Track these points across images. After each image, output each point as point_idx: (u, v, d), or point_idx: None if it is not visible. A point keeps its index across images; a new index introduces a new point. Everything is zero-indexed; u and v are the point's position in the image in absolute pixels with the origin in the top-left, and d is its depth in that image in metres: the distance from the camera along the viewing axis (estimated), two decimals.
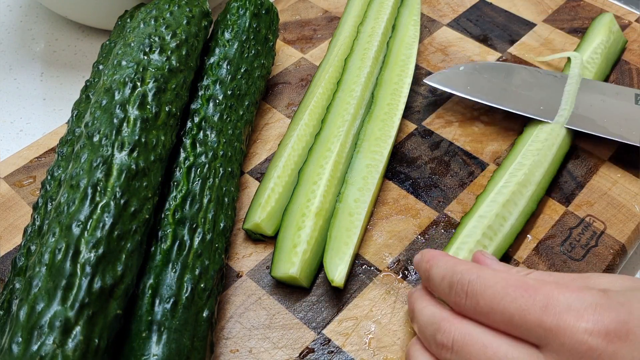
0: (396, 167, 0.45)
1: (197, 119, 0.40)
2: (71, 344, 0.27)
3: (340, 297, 0.38)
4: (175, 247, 0.34)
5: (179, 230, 0.35)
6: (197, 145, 0.39)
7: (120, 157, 0.33)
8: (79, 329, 0.28)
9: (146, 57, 0.38)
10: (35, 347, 0.27)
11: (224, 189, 0.38)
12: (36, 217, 0.37)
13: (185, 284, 0.33)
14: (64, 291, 0.28)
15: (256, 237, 0.40)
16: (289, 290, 0.38)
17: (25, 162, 0.45)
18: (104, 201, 0.31)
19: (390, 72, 0.48)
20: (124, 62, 0.38)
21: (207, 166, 0.38)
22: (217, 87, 0.42)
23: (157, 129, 0.36)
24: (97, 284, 0.29)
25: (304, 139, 0.45)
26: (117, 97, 0.36)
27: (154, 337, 0.31)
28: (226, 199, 0.38)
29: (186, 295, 0.33)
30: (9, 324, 0.29)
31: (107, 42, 0.47)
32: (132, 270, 0.31)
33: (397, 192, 0.43)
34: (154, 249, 0.34)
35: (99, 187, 0.32)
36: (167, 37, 0.40)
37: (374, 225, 0.41)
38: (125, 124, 0.34)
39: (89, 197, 0.31)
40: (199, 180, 0.37)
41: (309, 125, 0.45)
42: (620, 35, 0.52)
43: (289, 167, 0.43)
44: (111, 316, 0.29)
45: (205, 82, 0.42)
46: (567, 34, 0.55)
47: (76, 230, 0.30)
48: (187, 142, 0.39)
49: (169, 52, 0.39)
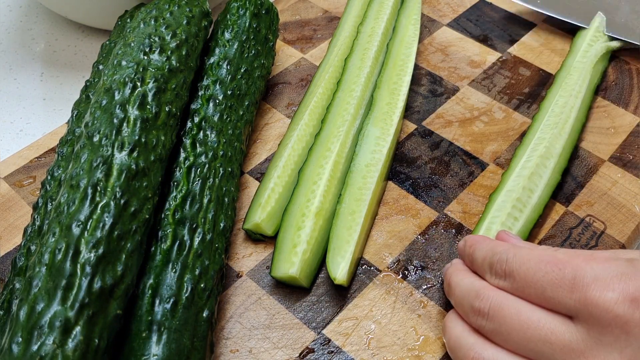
0: (396, 167, 0.45)
1: (197, 119, 0.40)
2: (71, 344, 0.27)
3: (340, 297, 0.38)
4: (175, 247, 0.34)
5: (179, 230, 0.35)
6: (197, 145, 0.39)
7: (120, 157, 0.33)
8: (79, 329, 0.28)
9: (146, 57, 0.38)
10: (35, 347, 0.27)
11: (224, 189, 0.38)
12: (36, 217, 0.37)
13: (185, 284, 0.33)
14: (64, 291, 0.28)
15: (256, 237, 0.40)
16: (289, 290, 0.38)
17: (25, 162, 0.45)
18: (104, 201, 0.31)
19: (389, 72, 0.48)
20: (124, 62, 0.38)
21: (207, 166, 0.38)
22: (217, 87, 0.42)
23: (157, 129, 0.36)
24: (97, 284, 0.29)
25: (304, 139, 0.45)
26: (117, 97, 0.36)
27: (154, 337, 0.31)
28: (226, 199, 0.38)
29: (186, 295, 0.33)
30: (9, 324, 0.29)
31: (107, 42, 0.47)
32: (132, 270, 0.31)
33: (397, 192, 0.43)
34: (154, 249, 0.34)
35: (99, 187, 0.32)
36: (167, 37, 0.40)
37: (374, 225, 0.41)
38: (125, 124, 0.34)
39: (89, 197, 0.31)
40: (199, 180, 0.37)
41: (309, 125, 0.45)
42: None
43: (289, 167, 0.43)
44: (111, 316, 0.29)
45: (205, 82, 0.42)
46: (567, 33, 0.55)
47: (76, 230, 0.30)
48: (187, 142, 0.39)
49: (169, 52, 0.39)
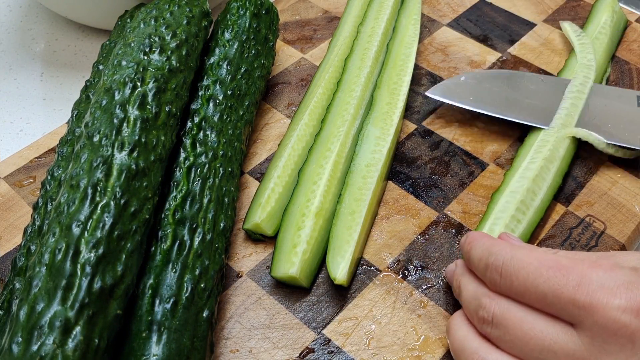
0: (396, 167, 0.45)
1: (197, 119, 0.40)
2: (71, 344, 0.27)
3: (340, 297, 0.38)
4: (175, 247, 0.34)
5: (179, 230, 0.35)
6: (197, 145, 0.39)
7: (120, 157, 0.33)
8: (79, 329, 0.28)
9: (146, 57, 0.38)
10: (35, 347, 0.27)
11: (224, 189, 0.38)
12: (36, 217, 0.37)
13: (185, 284, 0.33)
14: (64, 291, 0.28)
15: (256, 237, 0.40)
16: (289, 290, 0.38)
17: (25, 162, 0.45)
18: (104, 201, 0.31)
19: (389, 72, 0.48)
20: (124, 62, 0.38)
21: (207, 166, 0.38)
22: (217, 87, 0.42)
23: (157, 129, 0.36)
24: (97, 284, 0.29)
25: (304, 139, 0.45)
26: (117, 97, 0.36)
27: (154, 337, 0.31)
28: (226, 199, 0.38)
29: (186, 295, 0.33)
30: (9, 324, 0.29)
31: (107, 42, 0.47)
32: (132, 270, 0.31)
33: (397, 192, 0.43)
34: (154, 249, 0.34)
35: (99, 187, 0.32)
36: (167, 37, 0.40)
37: (374, 225, 0.41)
38: (125, 124, 0.34)
39: (89, 197, 0.31)
40: (199, 180, 0.37)
41: (309, 125, 0.45)
42: (622, 14, 0.54)
43: (289, 167, 0.43)
44: (111, 316, 0.29)
45: (205, 82, 0.42)
46: None
47: (76, 230, 0.30)
48: (187, 142, 0.39)
49: (169, 52, 0.39)
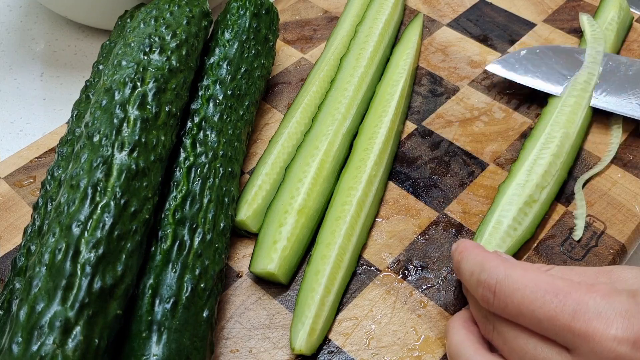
0: (396, 167, 0.45)
1: (197, 119, 0.40)
2: (71, 344, 0.27)
3: (340, 297, 0.38)
4: (175, 247, 0.34)
5: (179, 230, 0.35)
6: (197, 145, 0.39)
7: (120, 157, 0.33)
8: (79, 329, 0.28)
9: (146, 57, 0.38)
10: (35, 347, 0.27)
11: (224, 189, 0.38)
12: (36, 217, 0.37)
13: (185, 284, 0.33)
14: (64, 291, 0.28)
15: (241, 234, 0.41)
16: (289, 290, 0.38)
17: (25, 162, 0.45)
18: (104, 201, 0.31)
19: (371, 116, 0.47)
20: (124, 62, 0.38)
21: (207, 166, 0.38)
22: (217, 87, 0.42)
23: (157, 129, 0.36)
24: (97, 284, 0.29)
25: (294, 137, 0.45)
26: (117, 97, 0.36)
27: (154, 337, 0.31)
28: (226, 199, 0.38)
29: (186, 295, 0.33)
30: (9, 324, 0.29)
31: (107, 42, 0.47)
32: (132, 270, 0.31)
33: (397, 192, 0.43)
34: (154, 249, 0.34)
35: (99, 187, 0.32)
36: (167, 37, 0.40)
37: (374, 225, 0.41)
38: (125, 124, 0.34)
39: (89, 197, 0.31)
40: (199, 180, 0.37)
41: (300, 123, 0.45)
42: (628, 11, 0.55)
43: (278, 165, 0.43)
44: (111, 316, 0.29)
45: (205, 82, 0.42)
46: (567, 34, 0.55)
47: (76, 230, 0.30)
48: (187, 142, 0.39)
49: (169, 52, 0.39)
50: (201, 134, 0.40)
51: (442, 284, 0.38)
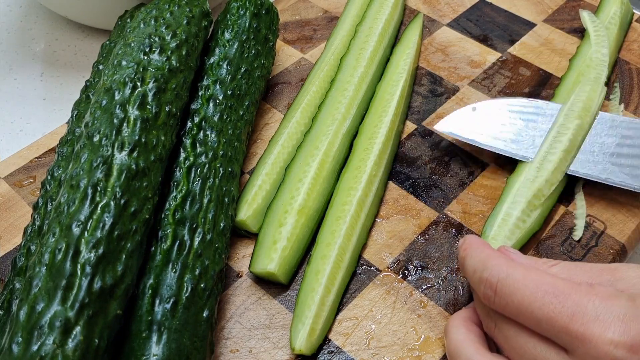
0: (396, 167, 0.45)
1: (197, 119, 0.40)
2: (71, 344, 0.27)
3: (340, 297, 0.38)
4: (175, 247, 0.34)
5: (179, 230, 0.35)
6: (197, 145, 0.39)
7: (120, 157, 0.33)
8: (79, 329, 0.28)
9: (146, 57, 0.38)
10: (35, 347, 0.27)
11: (224, 189, 0.38)
12: (36, 217, 0.37)
13: (185, 284, 0.33)
14: (64, 291, 0.28)
15: (242, 234, 0.41)
16: (289, 290, 0.38)
17: (25, 162, 0.45)
18: (104, 201, 0.31)
19: (371, 117, 0.47)
20: (124, 62, 0.38)
21: (207, 166, 0.38)
22: (217, 87, 0.42)
23: (157, 129, 0.36)
24: (97, 284, 0.29)
25: (294, 137, 0.45)
26: (117, 97, 0.36)
27: (154, 337, 0.31)
28: (226, 199, 0.38)
29: (186, 295, 0.33)
30: (9, 324, 0.29)
31: (107, 42, 0.47)
32: (132, 270, 0.31)
33: (397, 192, 0.43)
34: (154, 249, 0.34)
35: (99, 187, 0.32)
36: (167, 37, 0.40)
37: (374, 225, 0.41)
38: (125, 124, 0.34)
39: (89, 197, 0.31)
40: (199, 180, 0.37)
41: (300, 123, 0.45)
42: (629, 6, 0.55)
43: (278, 165, 0.43)
44: (111, 316, 0.29)
45: (205, 82, 0.42)
46: (567, 34, 0.55)
47: (76, 230, 0.30)
48: (187, 142, 0.39)
49: (169, 52, 0.39)
50: (201, 134, 0.40)
51: (442, 284, 0.38)
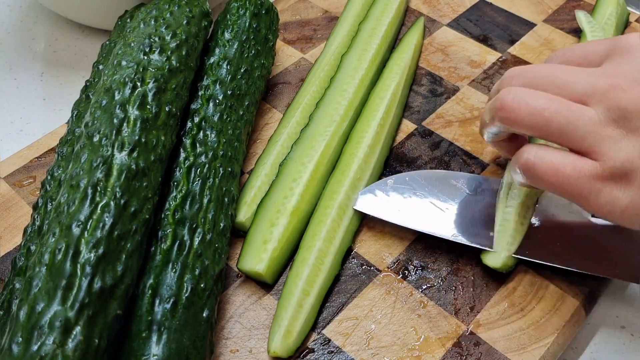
0: (396, 167, 0.45)
1: (197, 119, 0.40)
2: (71, 344, 0.27)
3: (340, 297, 0.38)
4: (175, 247, 0.34)
5: (179, 230, 0.35)
6: (197, 145, 0.39)
7: (120, 157, 0.33)
8: (79, 329, 0.28)
9: (146, 57, 0.38)
10: (35, 347, 0.27)
11: (224, 189, 0.38)
12: (36, 217, 0.37)
13: (185, 284, 0.33)
14: (64, 291, 0.28)
15: (242, 234, 0.40)
16: None
17: (25, 162, 0.45)
18: (104, 201, 0.31)
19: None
20: (124, 62, 0.38)
21: (207, 166, 0.38)
22: (217, 87, 0.42)
23: (157, 129, 0.36)
24: (97, 284, 0.29)
25: (294, 137, 0.44)
26: (117, 97, 0.36)
27: (154, 337, 0.31)
28: (226, 199, 0.38)
29: (186, 295, 0.33)
30: (9, 324, 0.29)
31: (107, 42, 0.47)
32: (132, 270, 0.31)
33: None
34: (154, 249, 0.34)
35: (99, 187, 0.32)
36: (167, 37, 0.40)
37: (374, 225, 0.41)
38: (125, 124, 0.34)
39: (89, 197, 0.31)
40: (199, 180, 0.37)
41: (300, 123, 0.45)
42: (625, 7, 0.55)
43: (277, 166, 0.43)
44: (111, 316, 0.29)
45: (205, 82, 0.42)
46: (567, 34, 0.55)
47: (76, 230, 0.30)
48: (187, 142, 0.39)
49: (169, 52, 0.39)
50: (201, 134, 0.40)
51: (442, 284, 0.38)
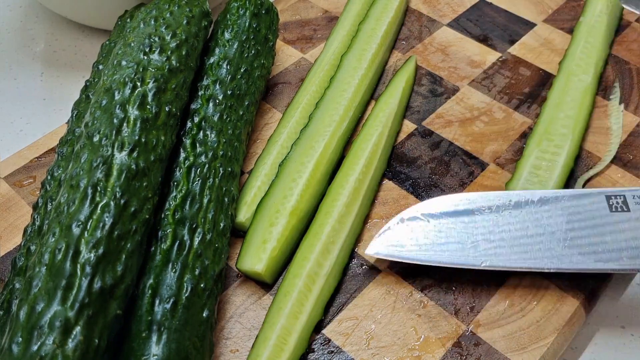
0: (396, 167, 0.45)
1: (197, 119, 0.40)
2: (71, 344, 0.27)
3: (340, 297, 0.38)
4: (175, 247, 0.34)
5: (179, 230, 0.35)
6: (197, 145, 0.39)
7: (120, 157, 0.33)
8: (79, 329, 0.28)
9: (146, 57, 0.38)
10: (35, 347, 0.27)
11: (224, 189, 0.38)
12: (36, 217, 0.37)
13: (185, 284, 0.33)
14: (64, 291, 0.28)
15: (242, 234, 0.40)
16: None
17: (25, 162, 0.45)
18: (104, 201, 0.31)
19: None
20: (124, 62, 0.38)
21: (207, 166, 0.38)
22: (217, 87, 0.42)
23: (157, 129, 0.36)
24: (97, 284, 0.29)
25: (294, 137, 0.44)
26: (117, 97, 0.36)
27: (154, 337, 0.31)
28: (226, 199, 0.38)
29: (186, 295, 0.33)
30: (9, 324, 0.29)
31: (107, 42, 0.47)
32: (132, 270, 0.31)
33: (397, 192, 0.43)
34: (154, 249, 0.34)
35: (99, 187, 0.32)
36: (167, 37, 0.40)
37: (374, 225, 0.41)
38: (125, 124, 0.34)
39: (89, 197, 0.31)
40: (199, 180, 0.37)
41: (299, 123, 0.45)
42: (618, 2, 0.55)
43: (277, 166, 0.43)
44: (111, 316, 0.29)
45: (205, 82, 0.42)
46: (567, 34, 0.55)
47: (76, 230, 0.30)
48: (187, 142, 0.39)
49: (169, 52, 0.39)
50: (201, 133, 0.40)
51: (442, 284, 0.38)
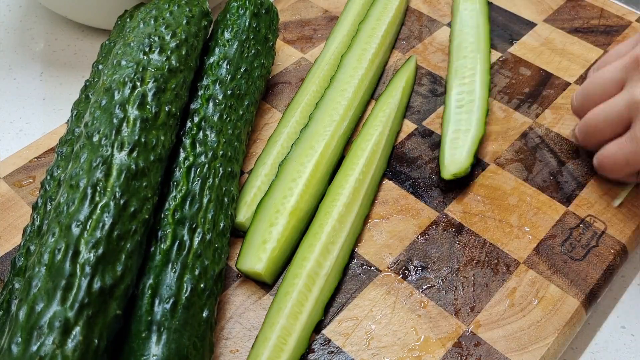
0: (396, 167, 0.45)
1: (196, 119, 0.40)
2: (71, 344, 0.27)
3: (340, 297, 0.38)
4: (175, 247, 0.34)
5: (178, 230, 0.35)
6: (197, 145, 0.39)
7: (120, 157, 0.33)
8: (78, 329, 0.28)
9: (146, 57, 0.38)
10: (34, 348, 0.27)
11: (224, 189, 0.38)
12: (36, 217, 0.37)
13: (185, 284, 0.33)
14: (63, 291, 0.28)
15: (242, 234, 0.40)
16: None
17: (24, 162, 0.45)
18: (104, 201, 0.31)
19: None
20: (123, 62, 0.37)
21: (206, 166, 0.38)
22: (217, 87, 0.42)
23: (157, 129, 0.36)
24: (97, 284, 0.29)
25: (294, 137, 0.44)
26: (116, 97, 0.36)
27: (154, 337, 0.31)
28: (226, 199, 0.38)
29: (186, 295, 0.33)
30: (8, 324, 0.28)
31: (107, 42, 0.47)
32: (132, 270, 0.31)
33: (397, 192, 0.43)
34: (153, 249, 0.34)
35: (98, 187, 0.32)
36: (167, 37, 0.40)
37: (374, 225, 0.41)
38: (125, 124, 0.34)
39: (89, 197, 0.31)
40: (198, 180, 0.37)
41: (299, 123, 0.45)
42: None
43: (277, 166, 0.42)
44: (111, 316, 0.29)
45: (205, 82, 0.42)
46: (567, 33, 0.55)
47: (76, 230, 0.30)
48: (187, 142, 0.39)
49: (169, 52, 0.39)
50: (201, 133, 0.40)
51: (442, 284, 0.38)
